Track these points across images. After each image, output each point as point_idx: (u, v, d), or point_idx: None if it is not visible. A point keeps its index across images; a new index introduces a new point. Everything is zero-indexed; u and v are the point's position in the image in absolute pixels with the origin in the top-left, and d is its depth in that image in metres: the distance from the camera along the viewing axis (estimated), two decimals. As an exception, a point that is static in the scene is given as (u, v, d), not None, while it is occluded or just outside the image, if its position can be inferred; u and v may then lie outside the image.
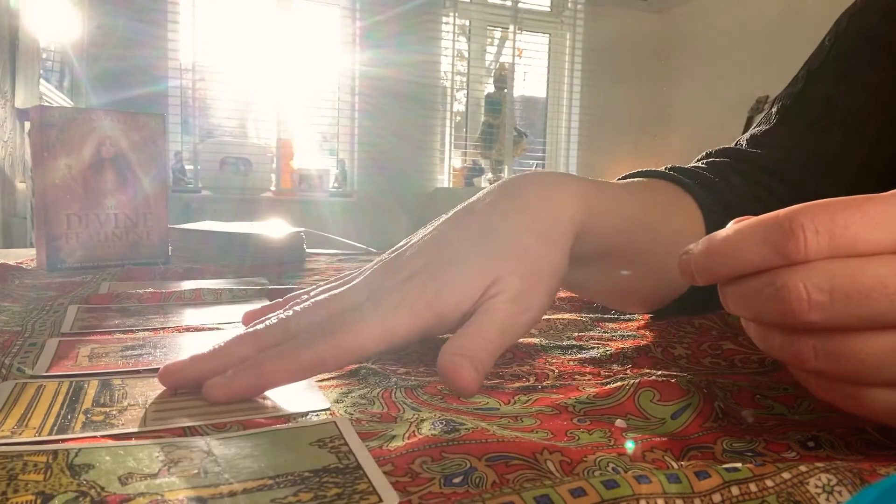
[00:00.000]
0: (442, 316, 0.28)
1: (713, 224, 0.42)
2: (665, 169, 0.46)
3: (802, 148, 0.47)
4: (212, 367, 0.29)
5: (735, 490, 0.18)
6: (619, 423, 0.27)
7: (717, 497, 0.18)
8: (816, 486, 0.18)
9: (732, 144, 0.51)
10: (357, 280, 0.32)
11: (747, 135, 0.50)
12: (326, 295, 0.32)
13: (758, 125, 0.50)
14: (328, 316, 0.30)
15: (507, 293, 0.28)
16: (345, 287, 0.32)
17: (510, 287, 0.28)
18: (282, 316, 0.31)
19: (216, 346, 0.30)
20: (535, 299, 0.29)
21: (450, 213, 0.33)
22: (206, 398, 0.28)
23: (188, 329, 0.44)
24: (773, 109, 0.50)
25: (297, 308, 0.31)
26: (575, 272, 0.36)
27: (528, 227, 0.30)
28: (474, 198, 0.33)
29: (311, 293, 0.34)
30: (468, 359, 0.26)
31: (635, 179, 0.44)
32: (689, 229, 0.42)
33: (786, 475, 0.18)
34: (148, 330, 0.43)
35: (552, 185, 0.32)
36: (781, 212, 0.20)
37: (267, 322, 0.31)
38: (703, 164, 0.49)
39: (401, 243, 0.33)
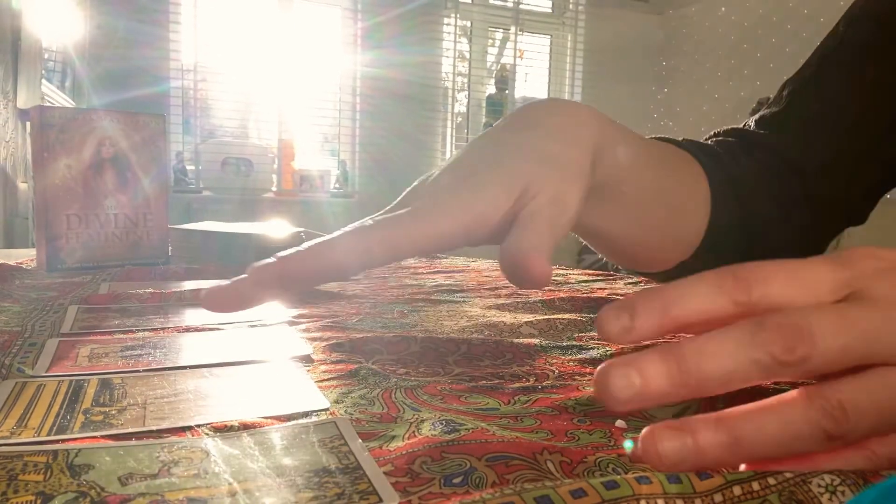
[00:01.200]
0: (482, 215, 0.28)
1: (717, 191, 0.42)
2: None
3: (808, 135, 0.46)
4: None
5: (737, 490, 0.18)
6: (620, 423, 0.27)
7: (718, 497, 0.18)
8: (819, 486, 0.18)
9: (740, 126, 0.50)
10: (396, 202, 0.33)
11: (756, 116, 0.50)
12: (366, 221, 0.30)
13: (768, 107, 0.50)
14: (362, 223, 0.29)
15: (545, 195, 0.29)
16: (384, 213, 0.32)
17: (546, 190, 0.29)
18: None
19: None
20: (570, 201, 0.30)
21: (476, 137, 0.34)
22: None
23: (188, 329, 0.44)
24: (784, 93, 0.50)
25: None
26: (590, 213, 0.37)
27: (554, 136, 0.31)
28: (497, 122, 0.34)
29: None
30: (536, 248, 0.27)
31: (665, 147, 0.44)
32: (696, 190, 0.42)
33: (788, 474, 0.18)
34: (148, 330, 0.43)
35: (570, 105, 0.34)
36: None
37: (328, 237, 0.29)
38: (711, 141, 0.49)
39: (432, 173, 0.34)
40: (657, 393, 0.20)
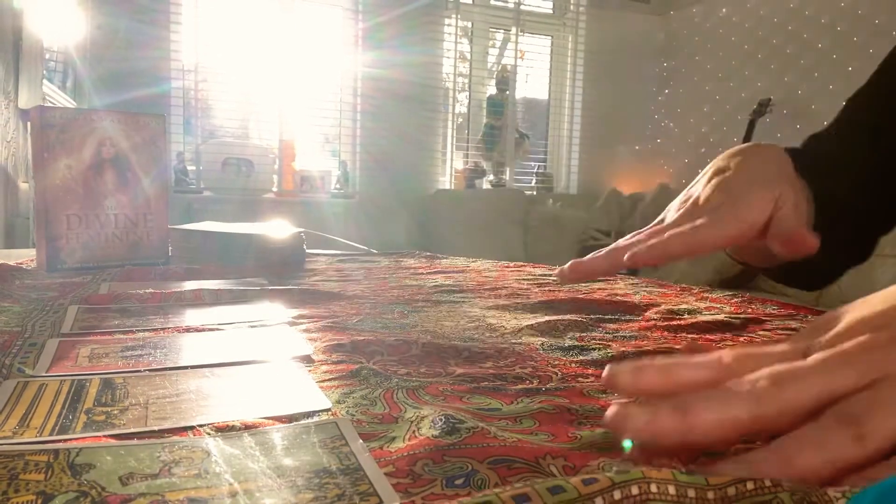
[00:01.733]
0: (752, 223, 0.40)
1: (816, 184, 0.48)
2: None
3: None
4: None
5: (750, 485, 0.18)
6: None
7: (731, 490, 0.18)
8: (836, 490, 0.18)
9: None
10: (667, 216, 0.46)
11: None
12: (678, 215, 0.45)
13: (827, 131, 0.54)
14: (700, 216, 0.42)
15: (789, 204, 0.41)
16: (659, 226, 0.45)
17: (789, 200, 0.41)
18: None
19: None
20: (802, 208, 0.42)
21: (714, 166, 0.46)
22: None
23: (188, 329, 0.43)
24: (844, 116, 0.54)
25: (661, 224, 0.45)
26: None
27: (780, 169, 0.45)
28: (736, 156, 0.46)
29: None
30: (801, 226, 0.39)
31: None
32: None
33: None
34: (148, 330, 0.43)
35: (775, 148, 0.47)
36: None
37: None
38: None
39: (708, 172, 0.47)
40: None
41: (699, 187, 0.45)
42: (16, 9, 1.78)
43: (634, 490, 0.17)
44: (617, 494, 0.17)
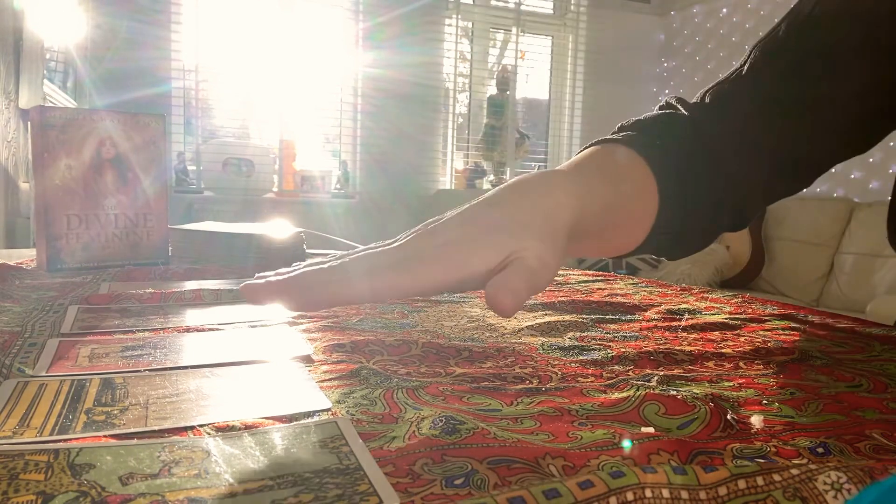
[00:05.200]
0: (473, 273, 0.35)
1: (666, 193, 0.48)
2: (631, 128, 0.52)
3: (757, 116, 0.51)
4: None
5: (742, 483, 0.18)
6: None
7: (722, 490, 0.18)
8: (825, 483, 0.18)
9: (701, 96, 0.54)
10: (397, 243, 0.38)
11: (714, 90, 0.54)
12: (371, 251, 0.38)
13: (728, 79, 0.54)
14: (372, 264, 0.36)
15: (531, 252, 0.36)
16: (386, 247, 0.38)
17: (533, 249, 0.36)
18: (333, 263, 0.36)
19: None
20: (550, 261, 0.37)
21: (474, 201, 0.41)
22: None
23: (188, 329, 0.43)
24: (746, 63, 0.53)
25: (345, 258, 0.37)
26: (574, 245, 0.46)
27: (541, 213, 0.39)
28: (493, 190, 0.41)
29: (352, 251, 0.40)
30: (508, 290, 0.34)
31: (606, 154, 0.50)
32: (646, 199, 0.49)
33: (794, 471, 0.18)
34: (148, 330, 0.43)
35: (558, 185, 0.42)
36: None
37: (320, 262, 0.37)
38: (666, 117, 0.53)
39: (432, 220, 0.41)
40: None
41: (449, 214, 0.41)
42: (16, 9, 1.78)
43: (630, 496, 0.17)
44: (613, 501, 0.17)
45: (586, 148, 0.51)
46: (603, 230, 0.47)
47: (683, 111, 0.53)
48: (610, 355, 0.39)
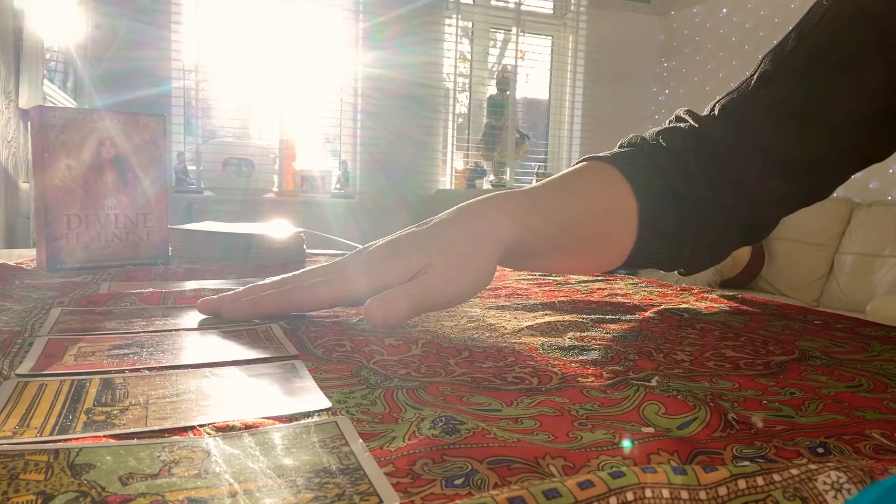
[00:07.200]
0: (389, 284, 0.41)
1: (647, 209, 0.49)
2: (629, 143, 0.53)
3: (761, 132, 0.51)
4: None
5: (742, 483, 0.18)
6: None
7: (722, 490, 0.18)
8: (825, 483, 0.18)
9: (711, 108, 0.55)
10: (335, 262, 0.46)
11: (724, 100, 0.54)
12: (312, 268, 0.47)
13: (737, 89, 0.54)
14: (314, 276, 0.45)
15: (437, 268, 0.40)
16: (324, 266, 0.46)
17: (439, 266, 0.40)
18: (285, 276, 0.47)
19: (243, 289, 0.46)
20: (459, 279, 0.41)
21: (413, 226, 0.46)
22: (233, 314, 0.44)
23: (188, 329, 0.43)
24: (756, 73, 0.53)
25: (294, 273, 0.47)
26: (537, 261, 0.50)
27: (464, 236, 0.43)
28: (439, 216, 0.45)
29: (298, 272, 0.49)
30: (383, 302, 0.39)
31: (582, 172, 0.51)
32: (621, 213, 0.50)
33: (794, 471, 0.18)
34: (147, 331, 0.43)
35: (491, 210, 0.45)
36: None
37: (270, 280, 0.47)
38: (665, 140, 0.53)
39: (370, 244, 0.47)
40: None
41: (380, 241, 0.47)
42: (16, 9, 1.78)
43: (630, 496, 0.17)
44: (613, 501, 0.17)
45: (578, 163, 0.53)
46: (565, 246, 0.49)
47: (693, 123, 0.53)
48: (610, 355, 0.39)
